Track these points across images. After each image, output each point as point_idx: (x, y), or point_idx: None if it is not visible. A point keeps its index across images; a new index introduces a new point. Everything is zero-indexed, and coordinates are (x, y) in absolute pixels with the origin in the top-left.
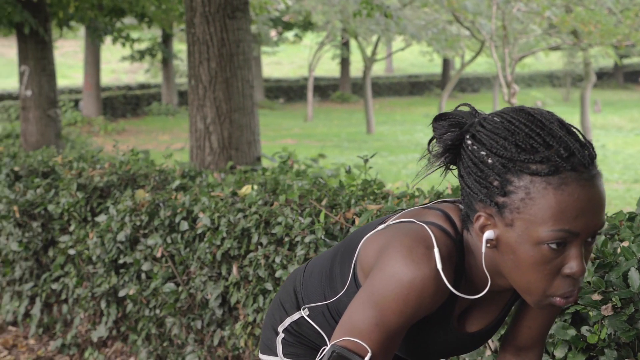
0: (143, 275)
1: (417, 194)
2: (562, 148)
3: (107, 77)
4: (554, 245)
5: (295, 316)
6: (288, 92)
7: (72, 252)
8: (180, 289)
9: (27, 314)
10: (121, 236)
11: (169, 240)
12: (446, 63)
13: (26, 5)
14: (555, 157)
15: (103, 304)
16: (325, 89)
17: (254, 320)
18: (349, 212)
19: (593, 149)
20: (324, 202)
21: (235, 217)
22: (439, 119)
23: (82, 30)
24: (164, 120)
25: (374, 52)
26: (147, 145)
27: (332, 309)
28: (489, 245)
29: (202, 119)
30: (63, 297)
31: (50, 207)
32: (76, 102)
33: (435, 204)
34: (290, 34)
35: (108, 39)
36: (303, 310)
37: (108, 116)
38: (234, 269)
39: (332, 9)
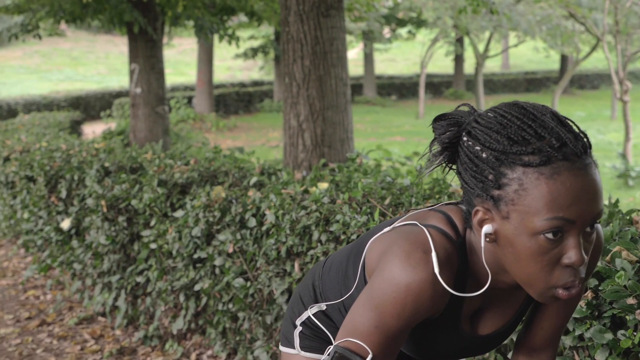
0: (217, 270)
1: None
2: (554, 138)
3: (223, 74)
4: (550, 235)
5: (313, 310)
6: (400, 89)
7: (153, 246)
8: (248, 284)
9: (115, 306)
10: (196, 231)
11: (238, 236)
12: (564, 59)
13: (136, 4)
14: (546, 147)
15: (182, 298)
16: (438, 86)
17: None
18: None
19: (587, 139)
20: (387, 201)
21: (299, 214)
22: (438, 119)
23: None
24: (275, 117)
25: (486, 49)
26: (257, 142)
27: (347, 306)
28: (488, 239)
29: (296, 116)
30: (147, 290)
31: (134, 202)
32: (189, 99)
33: (440, 206)
34: (403, 31)
35: (216, 37)
36: (320, 305)
37: (220, 113)
38: (296, 266)
39: (442, 5)
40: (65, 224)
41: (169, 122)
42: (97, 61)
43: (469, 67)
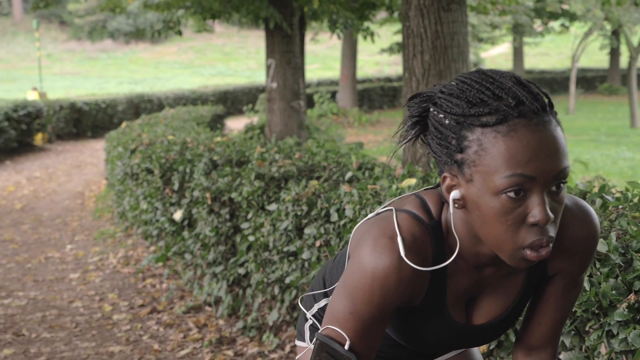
0: (306, 264)
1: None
2: (511, 97)
3: (371, 69)
4: (512, 194)
5: (322, 303)
6: (551, 83)
7: (251, 238)
8: None
9: (220, 296)
10: (286, 225)
11: (322, 230)
12: None
13: (273, 1)
14: (503, 106)
15: (276, 290)
16: (591, 81)
17: None
18: None
19: (549, 98)
20: None
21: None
22: (412, 98)
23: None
24: None
25: None
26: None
27: None
28: (456, 205)
29: None
30: (247, 282)
31: (234, 195)
32: (333, 93)
33: (420, 191)
34: (556, 24)
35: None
36: (327, 297)
37: (364, 108)
38: None
39: None
40: (177, 215)
41: (305, 116)
42: (248, 56)
43: (625, 61)
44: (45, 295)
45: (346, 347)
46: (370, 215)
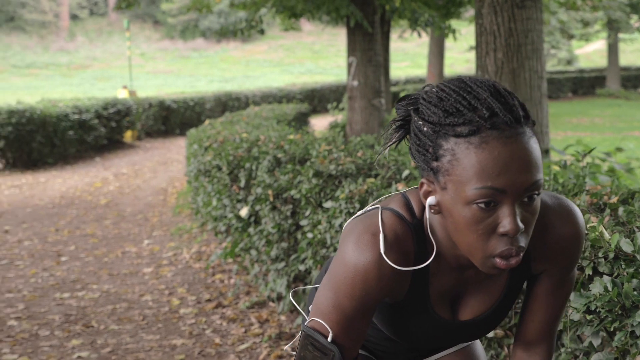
0: None
1: None
2: (485, 109)
3: (461, 67)
4: (482, 205)
5: None
6: None
7: (310, 235)
8: None
9: (281, 292)
10: (339, 222)
11: None
12: None
13: None
14: (476, 118)
15: None
16: None
17: None
18: None
19: (524, 110)
20: None
21: None
22: (400, 100)
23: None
24: None
25: None
26: None
27: None
28: (432, 211)
29: None
30: (308, 278)
31: (293, 192)
32: None
33: (408, 189)
34: None
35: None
36: None
37: None
38: None
39: None
40: (243, 212)
41: (385, 115)
42: (337, 54)
43: None
44: (117, 288)
45: (329, 339)
46: (359, 213)
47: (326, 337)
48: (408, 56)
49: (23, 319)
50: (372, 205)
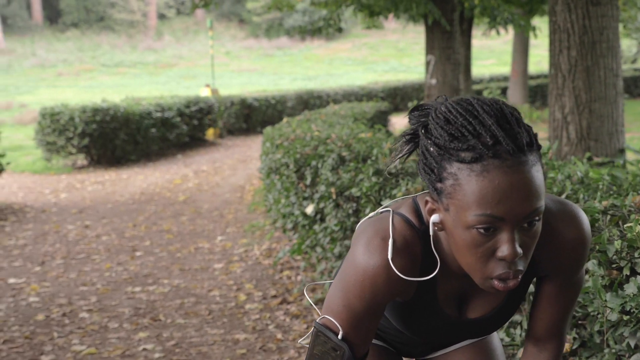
0: None
1: None
2: (489, 136)
3: (547, 65)
4: (482, 230)
5: None
6: None
7: None
8: None
9: None
10: None
11: None
12: None
13: None
14: (479, 145)
15: None
16: None
17: None
18: None
19: (530, 137)
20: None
21: None
22: (414, 109)
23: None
24: None
25: None
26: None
27: None
28: (436, 228)
29: (560, 108)
30: None
31: (354, 190)
32: (504, 89)
33: (418, 195)
34: None
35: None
36: None
37: (537, 104)
38: None
39: None
40: (309, 209)
41: None
42: (421, 52)
43: None
44: (187, 283)
45: (339, 336)
46: (371, 214)
47: (337, 334)
48: (494, 54)
49: (94, 311)
50: (384, 208)
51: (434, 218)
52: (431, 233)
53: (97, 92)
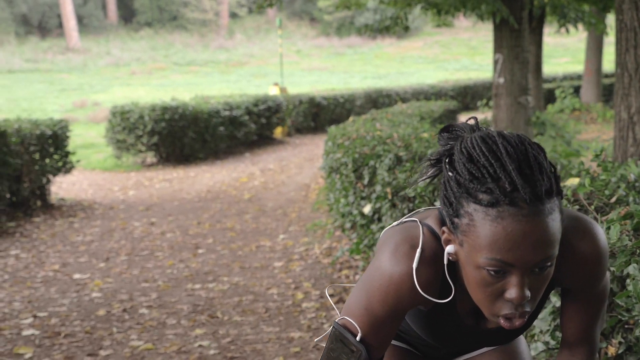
0: None
1: None
2: (508, 182)
3: None
4: (492, 272)
5: None
6: None
7: None
8: None
9: None
10: None
11: None
12: None
13: None
14: (497, 190)
15: None
16: None
17: None
18: None
19: (550, 184)
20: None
21: None
22: (444, 130)
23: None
24: None
25: None
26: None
27: None
28: (450, 258)
29: (626, 108)
30: None
31: (408, 191)
32: (577, 88)
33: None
34: None
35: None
36: None
37: (611, 103)
38: None
39: None
40: (367, 209)
41: (532, 112)
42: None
43: None
44: (247, 281)
45: (357, 338)
46: (395, 223)
47: (355, 336)
48: (568, 52)
49: (154, 307)
50: (409, 218)
51: (449, 249)
52: (445, 262)
53: (169, 90)
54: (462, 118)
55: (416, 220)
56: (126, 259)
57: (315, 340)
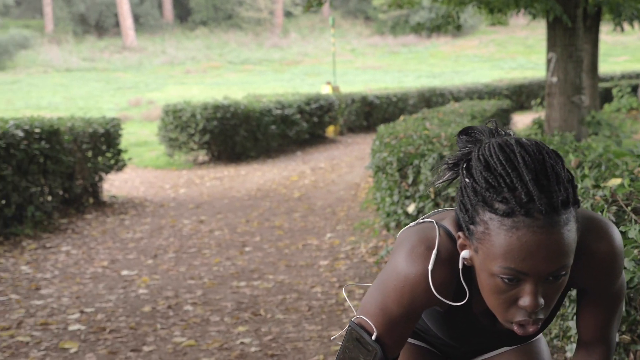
0: None
1: None
2: (524, 193)
3: None
4: (506, 280)
5: None
6: None
7: None
8: None
9: None
10: None
11: None
12: None
13: None
14: (513, 200)
15: None
16: None
17: None
18: None
19: (567, 195)
20: None
21: None
22: (463, 132)
23: None
24: None
25: None
26: None
27: None
28: (465, 263)
29: None
30: None
31: (450, 190)
32: (634, 87)
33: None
34: None
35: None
36: None
37: None
38: None
39: None
40: (411, 208)
41: (586, 112)
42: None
43: None
44: (291, 279)
45: (373, 337)
46: (412, 224)
47: (371, 335)
48: (628, 50)
49: (198, 304)
50: (426, 219)
51: (464, 254)
52: (460, 267)
53: (223, 89)
54: (516, 117)
55: (433, 222)
56: (174, 256)
57: (332, 338)
